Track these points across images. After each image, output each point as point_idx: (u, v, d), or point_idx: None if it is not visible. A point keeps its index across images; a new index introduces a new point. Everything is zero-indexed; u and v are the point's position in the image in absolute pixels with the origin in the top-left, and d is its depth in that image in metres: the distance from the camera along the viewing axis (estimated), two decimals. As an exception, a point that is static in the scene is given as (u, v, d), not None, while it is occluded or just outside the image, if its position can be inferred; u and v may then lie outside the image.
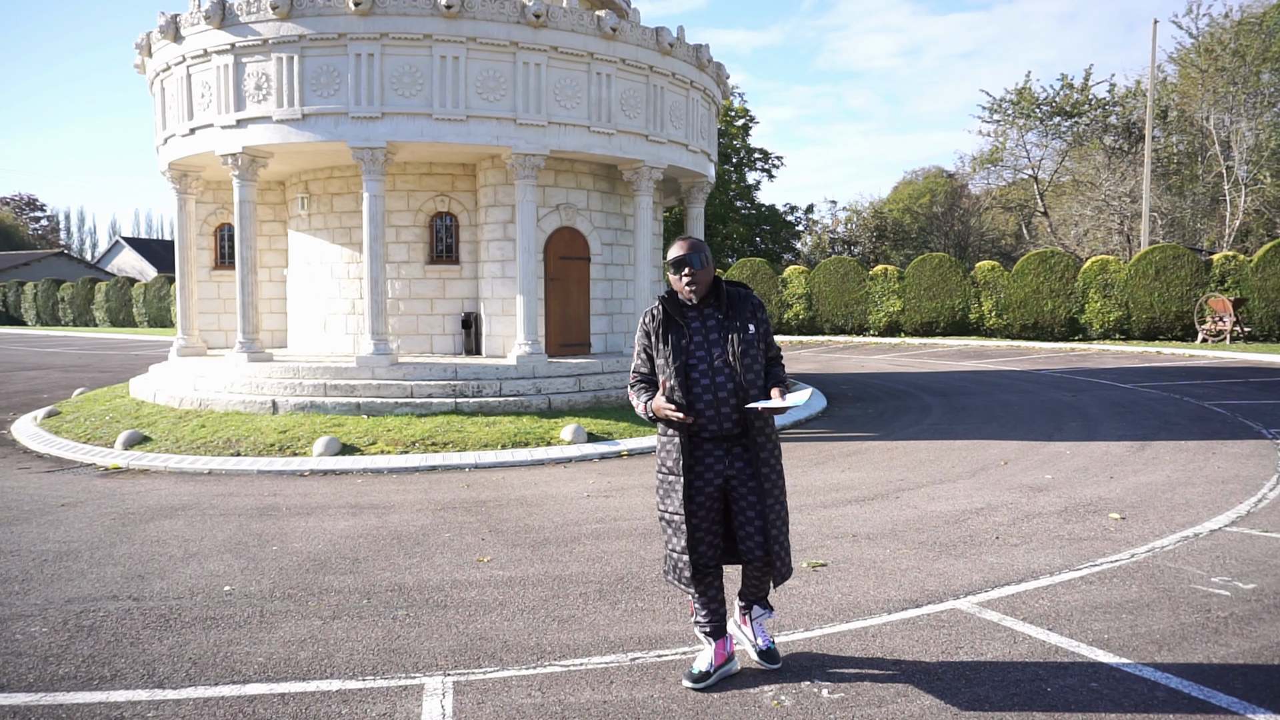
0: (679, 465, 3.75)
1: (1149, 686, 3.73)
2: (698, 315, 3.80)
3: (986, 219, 45.91)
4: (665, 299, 3.85)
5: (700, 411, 3.72)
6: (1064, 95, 38.00)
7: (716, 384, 3.71)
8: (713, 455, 3.77)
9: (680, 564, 3.78)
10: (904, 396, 14.35)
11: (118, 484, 8.50)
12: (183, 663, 4.11)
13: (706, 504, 3.78)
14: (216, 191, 15.76)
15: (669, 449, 3.80)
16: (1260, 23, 31.83)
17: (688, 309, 3.82)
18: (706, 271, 3.76)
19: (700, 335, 3.76)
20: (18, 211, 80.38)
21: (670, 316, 3.81)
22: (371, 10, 11.02)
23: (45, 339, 35.74)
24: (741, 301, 3.81)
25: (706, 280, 3.77)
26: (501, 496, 7.73)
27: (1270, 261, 22.53)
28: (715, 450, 3.77)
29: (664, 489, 3.84)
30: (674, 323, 3.80)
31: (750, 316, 3.79)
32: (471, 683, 3.89)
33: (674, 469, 3.77)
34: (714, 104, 15.16)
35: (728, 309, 3.78)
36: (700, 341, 3.75)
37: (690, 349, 3.74)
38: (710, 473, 3.77)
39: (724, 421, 3.73)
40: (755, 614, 4.05)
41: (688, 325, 3.78)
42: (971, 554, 5.72)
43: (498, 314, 13.30)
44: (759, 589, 4.00)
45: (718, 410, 3.72)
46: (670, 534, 3.83)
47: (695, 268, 3.72)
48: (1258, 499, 7.08)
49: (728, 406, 3.72)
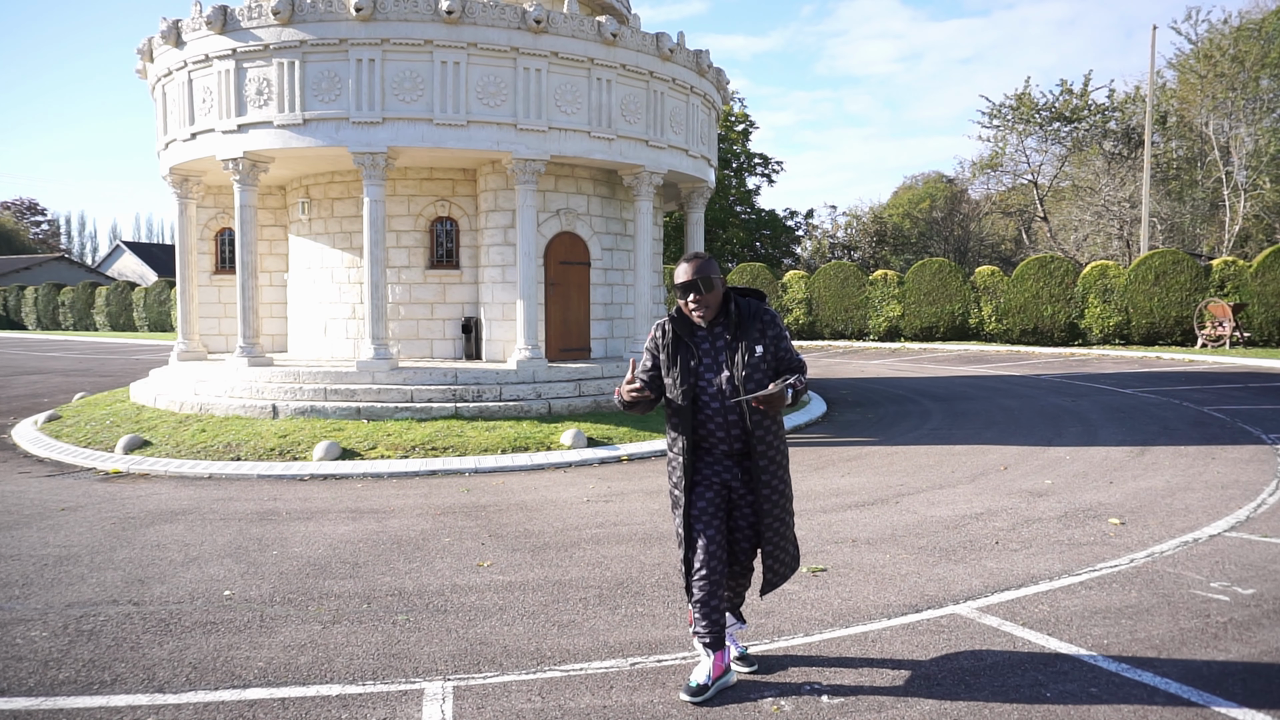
0: (683, 480, 3.83)
1: (1148, 691, 3.74)
2: (707, 335, 3.78)
3: (986, 224, 45.96)
4: (675, 319, 3.80)
5: (711, 432, 3.77)
6: (1063, 101, 38.09)
7: (727, 406, 3.73)
8: (718, 465, 3.84)
9: (690, 577, 3.83)
10: (904, 401, 14.36)
11: (118, 488, 8.50)
12: (183, 667, 4.12)
13: (712, 513, 3.80)
14: (217, 196, 15.79)
15: (674, 465, 3.88)
16: (1259, 29, 31.91)
17: (698, 329, 3.80)
18: (714, 294, 3.71)
19: (709, 357, 3.75)
20: (18, 216, 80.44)
21: (679, 338, 3.79)
22: (372, 16, 11.05)
23: (45, 343, 35.75)
24: (751, 319, 3.74)
25: (714, 302, 3.73)
26: (501, 501, 7.74)
27: (1269, 267, 22.55)
28: (723, 460, 3.84)
29: (674, 501, 3.92)
30: (683, 344, 3.78)
31: (759, 335, 3.72)
32: (471, 687, 3.89)
33: (679, 483, 3.86)
34: (714, 109, 15.20)
35: (736, 329, 3.73)
36: (709, 364, 3.75)
37: (700, 371, 3.75)
38: (718, 480, 3.83)
39: (733, 442, 3.79)
40: (728, 623, 4.05)
41: (697, 347, 3.77)
42: (971, 559, 5.72)
43: (498, 319, 13.31)
44: (735, 598, 4.07)
45: (727, 432, 3.77)
46: (684, 547, 3.89)
47: (701, 292, 3.68)
48: (1257, 504, 7.08)
49: (737, 429, 3.75)
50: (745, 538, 3.90)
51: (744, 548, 3.92)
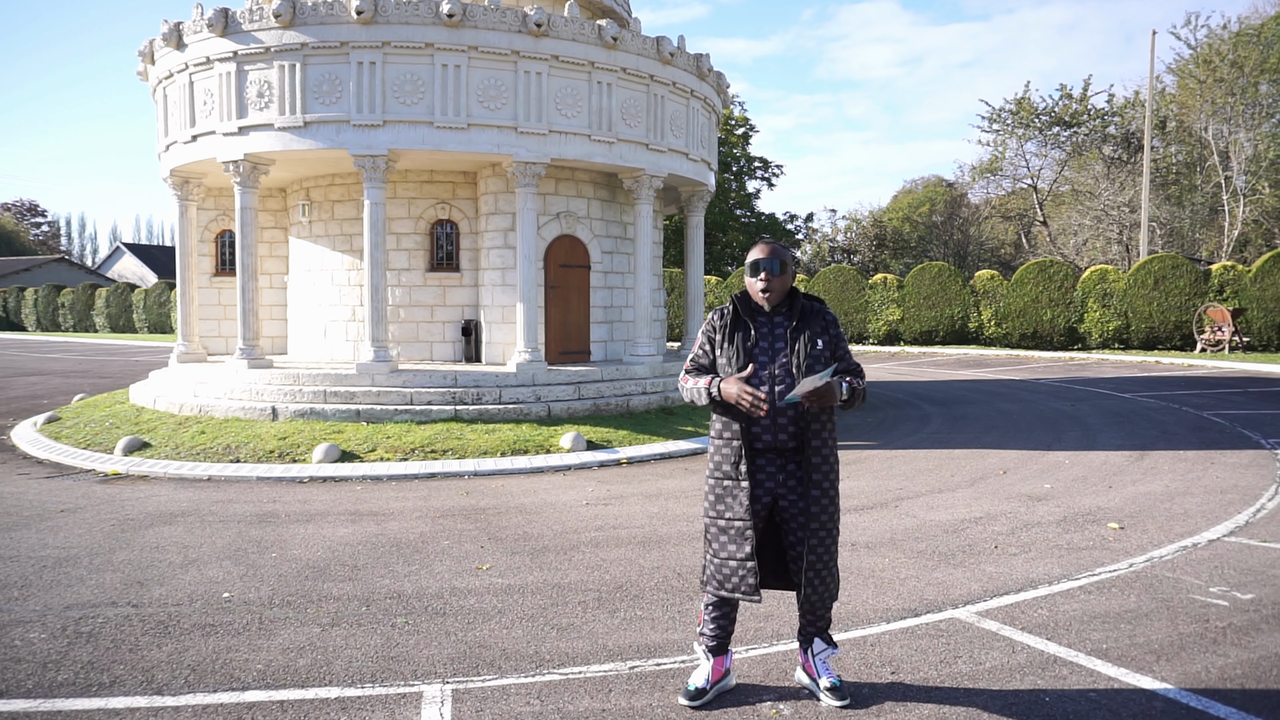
0: (737, 469, 3.60)
1: (1147, 696, 3.74)
2: (767, 321, 3.70)
3: (986, 228, 46.00)
4: (738, 298, 3.75)
5: (757, 419, 3.60)
6: (1063, 105, 38.16)
7: (777, 393, 3.58)
8: (765, 471, 3.64)
9: (743, 571, 3.57)
10: (903, 405, 14.36)
11: (117, 490, 8.50)
12: (181, 669, 4.12)
13: (761, 513, 3.65)
14: (218, 198, 15.81)
15: (725, 453, 3.65)
16: (1258, 34, 31.97)
17: (759, 313, 3.73)
18: (784, 279, 3.66)
19: (766, 341, 3.66)
20: (19, 217, 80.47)
21: (740, 316, 3.71)
22: (374, 19, 11.07)
23: (45, 344, 35.74)
24: (814, 316, 3.70)
25: (783, 288, 3.67)
26: (501, 504, 7.74)
27: (1269, 272, 22.58)
28: (768, 467, 3.64)
29: (719, 493, 3.66)
30: (743, 323, 3.70)
31: (821, 331, 3.65)
32: (470, 690, 3.89)
33: (731, 473, 3.62)
34: (714, 113, 15.22)
35: (799, 319, 3.68)
36: (765, 347, 3.65)
37: (755, 353, 3.64)
38: (760, 489, 3.64)
39: (779, 433, 3.60)
40: (816, 648, 3.80)
41: (757, 329, 3.69)
42: (970, 563, 5.72)
43: (498, 321, 13.32)
44: (816, 621, 3.77)
45: (774, 420, 3.59)
46: (725, 541, 3.62)
47: (773, 274, 3.62)
48: (1256, 509, 7.08)
49: (784, 418, 3.59)
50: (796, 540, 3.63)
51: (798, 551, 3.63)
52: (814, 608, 3.71)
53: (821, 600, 3.65)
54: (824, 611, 3.74)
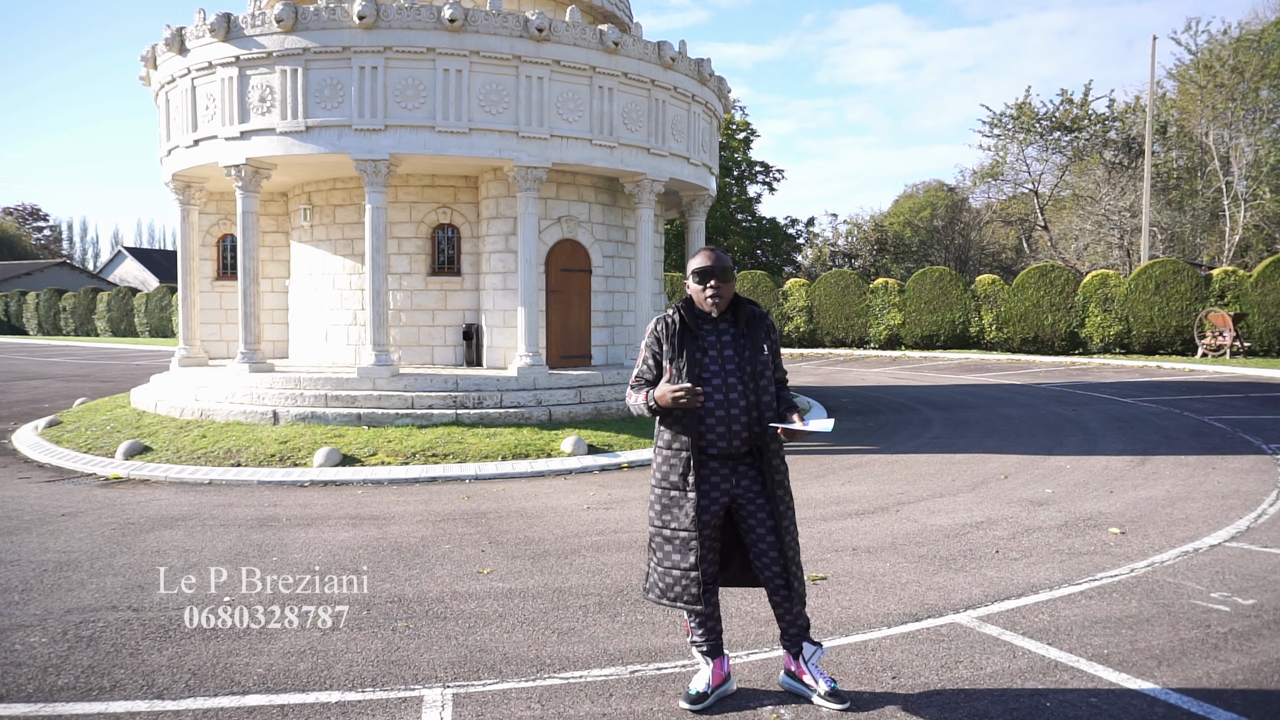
0: (685, 480, 3.63)
1: (1148, 702, 3.73)
2: (714, 329, 3.74)
3: (987, 233, 46.01)
4: (683, 307, 3.77)
5: (710, 427, 3.63)
6: (1064, 110, 38.17)
7: (730, 400, 3.62)
8: (719, 474, 3.67)
9: (685, 581, 3.64)
10: (904, 410, 14.36)
11: (118, 494, 8.50)
12: (182, 673, 4.11)
13: (711, 521, 3.69)
14: (219, 202, 15.83)
15: (673, 463, 3.67)
16: (1259, 39, 32.00)
17: (704, 321, 3.76)
18: (730, 285, 3.71)
19: (715, 350, 3.69)
20: (20, 221, 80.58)
21: (688, 326, 3.73)
22: (375, 24, 11.10)
23: (47, 348, 35.77)
24: (758, 321, 3.77)
25: (729, 294, 3.73)
26: (502, 508, 7.73)
27: (1270, 277, 22.57)
28: (721, 469, 3.67)
29: (665, 504, 3.70)
30: (690, 333, 3.72)
31: (765, 337, 3.76)
32: (471, 695, 3.89)
33: (679, 484, 3.65)
34: (715, 117, 15.24)
35: (745, 326, 3.73)
36: (715, 356, 3.68)
37: (705, 362, 3.67)
38: (716, 491, 3.67)
39: (733, 439, 3.64)
40: (807, 654, 3.80)
41: (704, 338, 3.72)
42: (971, 568, 5.72)
43: (499, 325, 13.32)
44: (796, 620, 3.79)
45: (729, 427, 3.63)
46: (670, 550, 3.68)
47: (721, 281, 3.68)
48: (1258, 514, 7.08)
49: (739, 424, 3.63)
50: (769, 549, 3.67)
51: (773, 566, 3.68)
52: (795, 603, 3.75)
53: (801, 596, 3.75)
54: (803, 608, 3.80)
